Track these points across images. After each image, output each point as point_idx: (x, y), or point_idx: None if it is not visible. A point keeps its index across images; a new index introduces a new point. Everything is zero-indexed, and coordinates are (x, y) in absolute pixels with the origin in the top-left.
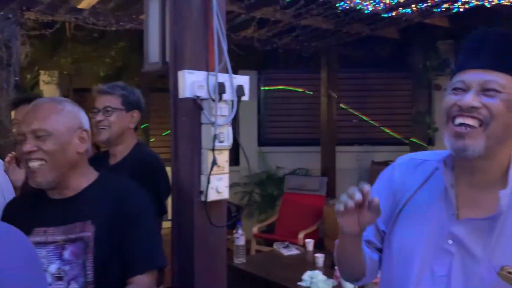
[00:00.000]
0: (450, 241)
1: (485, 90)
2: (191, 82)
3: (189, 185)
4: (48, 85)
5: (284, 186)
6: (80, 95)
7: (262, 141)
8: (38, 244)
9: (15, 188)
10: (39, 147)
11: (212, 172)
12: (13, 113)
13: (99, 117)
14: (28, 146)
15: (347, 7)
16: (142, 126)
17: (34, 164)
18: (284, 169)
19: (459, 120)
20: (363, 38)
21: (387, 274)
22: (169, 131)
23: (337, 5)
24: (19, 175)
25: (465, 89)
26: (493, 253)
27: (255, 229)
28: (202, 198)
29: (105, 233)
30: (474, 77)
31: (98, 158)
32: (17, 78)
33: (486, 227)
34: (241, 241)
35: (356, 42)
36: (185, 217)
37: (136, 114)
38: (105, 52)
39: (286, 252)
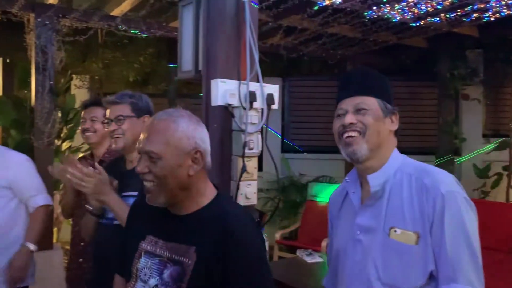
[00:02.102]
0: (358, 232)
1: (357, 110)
2: (223, 91)
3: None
4: (79, 89)
5: (307, 193)
6: None
7: (285, 148)
8: (146, 252)
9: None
10: (150, 169)
11: (242, 178)
12: (83, 112)
13: (113, 126)
14: (140, 167)
15: (375, 16)
16: None
17: (147, 184)
18: (307, 176)
19: (345, 135)
20: (389, 47)
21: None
22: None
23: (365, 14)
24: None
25: (344, 113)
26: (383, 222)
27: (277, 236)
28: None
29: (203, 267)
30: (348, 103)
31: (115, 163)
32: (52, 82)
33: (373, 206)
34: None
35: (382, 50)
36: None
37: (147, 119)
38: (134, 57)
39: (309, 260)
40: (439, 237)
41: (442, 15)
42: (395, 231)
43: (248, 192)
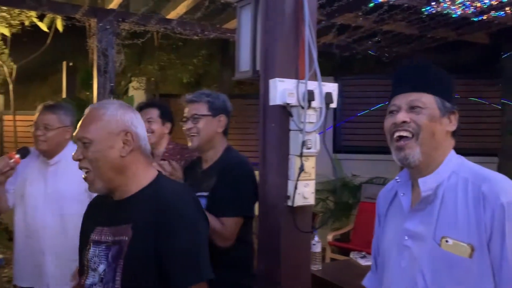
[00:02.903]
0: (406, 237)
1: (411, 108)
2: (281, 90)
3: (276, 190)
4: (137, 90)
5: (361, 195)
6: (165, 100)
7: (337, 148)
8: (94, 242)
9: None
10: (84, 155)
11: (299, 178)
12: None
13: (188, 125)
14: (75, 155)
15: (434, 12)
16: None
17: (84, 173)
18: (360, 177)
19: (396, 134)
20: (448, 43)
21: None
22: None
23: (423, 9)
24: None
25: (397, 110)
26: (434, 229)
27: (330, 237)
28: (289, 203)
29: (140, 240)
30: (402, 99)
31: (193, 164)
32: (112, 84)
33: (424, 210)
34: (317, 248)
35: (440, 47)
36: (271, 221)
37: (223, 119)
38: (188, 59)
39: (363, 262)
40: (499, 252)
41: (507, 8)
42: (446, 241)
43: (306, 192)
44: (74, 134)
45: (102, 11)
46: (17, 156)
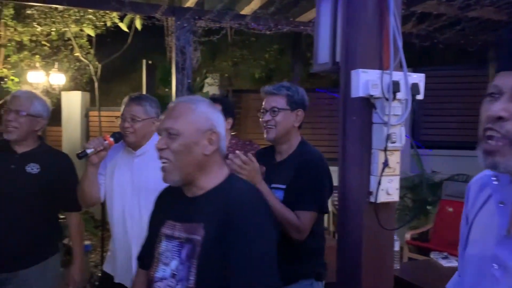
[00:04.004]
0: (496, 266)
1: None
2: (364, 81)
3: (358, 186)
4: (211, 86)
5: (442, 192)
6: (237, 96)
7: (416, 143)
8: (166, 236)
9: None
10: (168, 145)
11: (383, 173)
12: None
13: (267, 117)
14: (160, 143)
15: None
16: None
17: (163, 163)
18: (441, 174)
19: (488, 132)
20: None
21: None
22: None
23: None
24: None
25: (498, 94)
26: None
27: (407, 236)
28: (372, 199)
29: (212, 241)
30: (507, 79)
31: (265, 154)
32: (189, 81)
33: None
34: (396, 246)
35: None
36: (352, 217)
37: (300, 113)
38: (260, 54)
39: (445, 263)
40: None
41: None
42: None
43: (390, 187)
44: (159, 124)
45: (180, 10)
46: (111, 139)
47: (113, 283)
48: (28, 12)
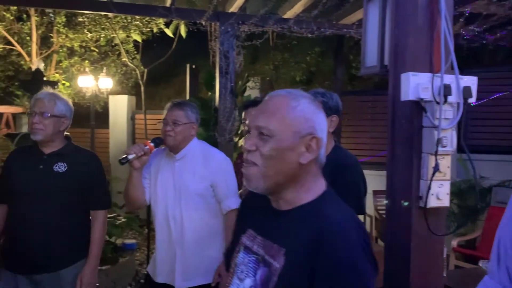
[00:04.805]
0: None
1: None
2: (415, 85)
3: (406, 190)
4: (252, 90)
5: (491, 199)
6: None
7: (462, 147)
8: (245, 248)
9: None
10: (257, 147)
11: (433, 178)
12: (243, 113)
13: None
14: (248, 144)
15: None
16: None
17: (247, 166)
18: (490, 180)
19: None
20: None
21: None
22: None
23: None
24: None
25: None
26: None
27: (454, 243)
28: (421, 204)
29: (292, 275)
30: None
31: None
32: (232, 84)
33: None
34: (443, 253)
35: None
36: (400, 221)
37: (335, 119)
38: (301, 57)
39: None
40: None
41: None
42: None
43: (441, 192)
44: (250, 121)
45: (224, 15)
46: (152, 144)
47: (158, 283)
48: (79, 19)
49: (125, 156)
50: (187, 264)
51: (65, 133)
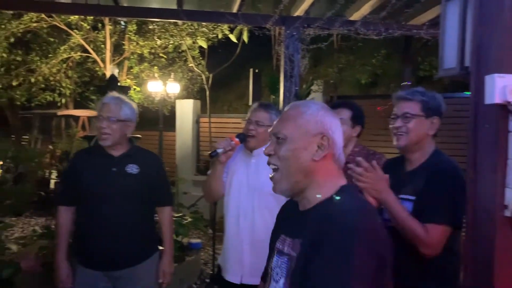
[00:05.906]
0: None
1: None
2: (501, 87)
3: (490, 198)
4: (315, 93)
5: None
6: None
7: None
8: (278, 251)
9: None
10: (275, 151)
11: None
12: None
13: (398, 123)
14: (268, 149)
15: None
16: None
17: (272, 173)
18: None
19: None
20: None
21: None
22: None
23: None
24: None
25: None
26: None
27: None
28: (507, 214)
29: (301, 260)
30: None
31: (395, 163)
32: (297, 88)
33: None
34: None
35: None
36: (482, 232)
37: (436, 121)
38: (367, 60)
39: None
40: None
41: None
42: None
43: None
44: (270, 129)
45: (290, 19)
46: (237, 139)
47: (225, 280)
48: (150, 27)
49: (214, 150)
50: (256, 262)
51: (137, 135)
